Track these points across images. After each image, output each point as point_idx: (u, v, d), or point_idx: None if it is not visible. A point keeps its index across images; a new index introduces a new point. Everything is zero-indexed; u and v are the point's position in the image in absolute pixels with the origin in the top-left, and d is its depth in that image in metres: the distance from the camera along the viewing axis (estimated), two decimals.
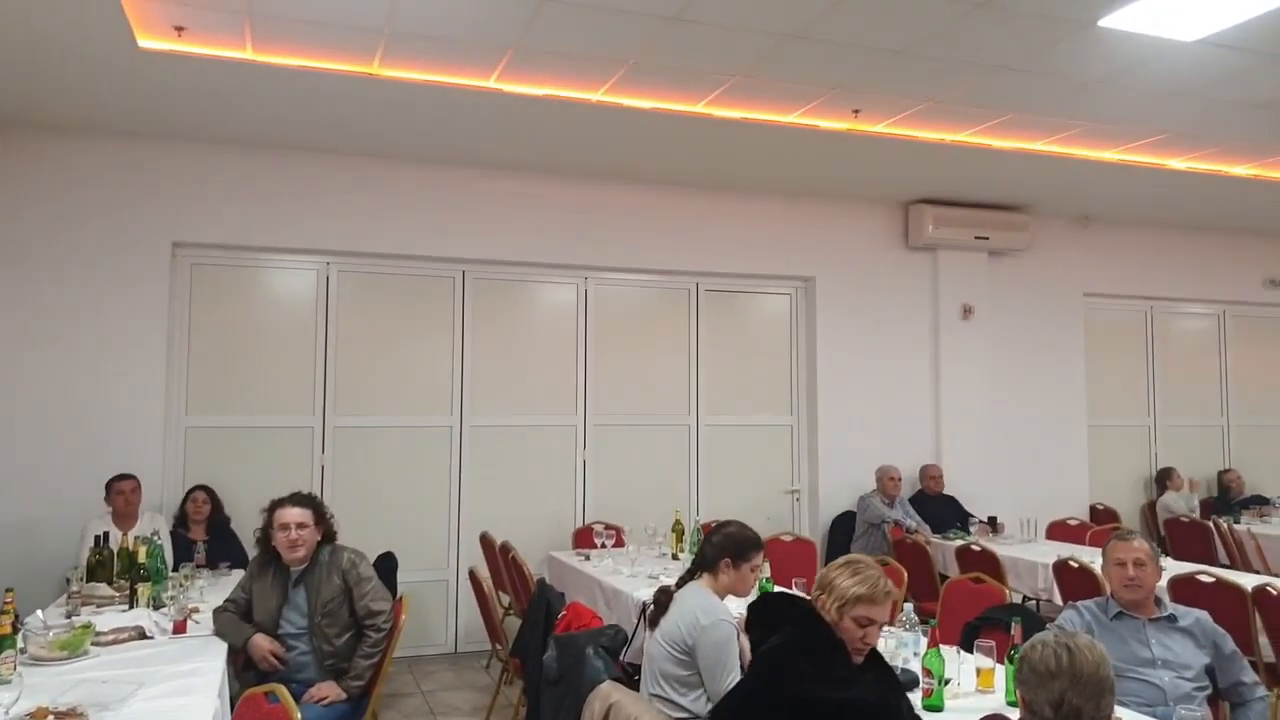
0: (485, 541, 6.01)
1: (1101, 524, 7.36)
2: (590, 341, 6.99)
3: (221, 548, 5.54)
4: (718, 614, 3.18)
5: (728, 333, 7.39)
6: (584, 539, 6.38)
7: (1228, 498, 8.22)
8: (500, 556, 5.58)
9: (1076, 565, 5.18)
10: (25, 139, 5.67)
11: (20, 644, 3.23)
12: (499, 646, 4.93)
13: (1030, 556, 5.92)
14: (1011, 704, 2.99)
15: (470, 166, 6.54)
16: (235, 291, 6.23)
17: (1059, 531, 7.19)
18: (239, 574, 5.08)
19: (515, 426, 6.77)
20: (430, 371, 6.60)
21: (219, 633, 3.74)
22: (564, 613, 3.82)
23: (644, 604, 4.42)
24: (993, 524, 6.78)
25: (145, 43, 4.53)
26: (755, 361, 7.46)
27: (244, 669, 3.80)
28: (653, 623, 3.37)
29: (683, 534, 5.84)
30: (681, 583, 3.40)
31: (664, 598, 3.41)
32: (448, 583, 6.54)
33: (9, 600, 3.23)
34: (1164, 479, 8.25)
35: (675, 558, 5.66)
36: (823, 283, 7.47)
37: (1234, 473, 8.43)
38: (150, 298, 5.87)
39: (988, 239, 7.59)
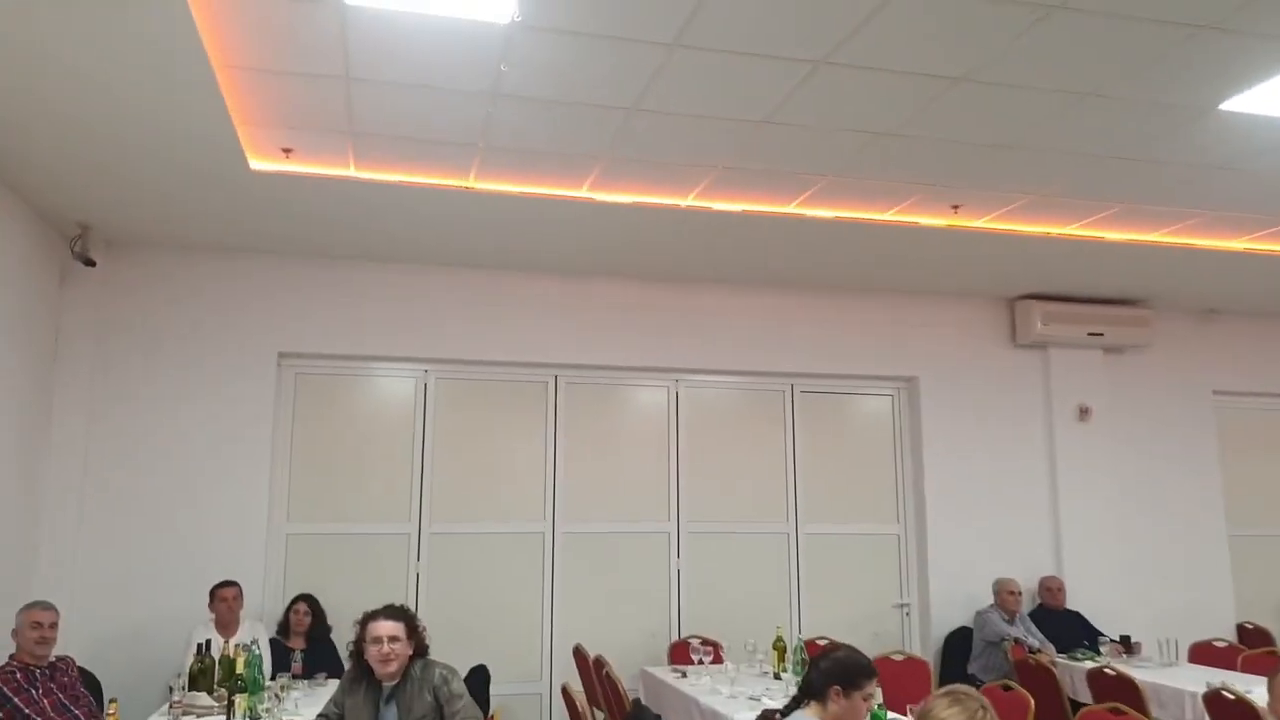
0: (579, 655, 5.83)
1: (1253, 646, 6.67)
2: (682, 445, 6.88)
3: (320, 657, 5.52)
4: None
5: (826, 435, 7.17)
6: (680, 654, 6.13)
7: None
8: (595, 672, 5.39)
9: (1232, 696, 4.64)
10: (140, 255, 6.01)
11: None
12: None
13: (1174, 683, 5.34)
14: None
15: (562, 274, 6.64)
16: (336, 399, 6.39)
17: (1204, 654, 6.49)
18: (335, 685, 5.04)
19: (607, 533, 6.64)
20: (524, 477, 6.57)
21: None
22: None
23: None
24: (1126, 644, 6.22)
25: (256, 164, 4.79)
26: (856, 466, 7.19)
27: None
28: None
29: (785, 651, 5.53)
30: (787, 711, 3.18)
31: None
32: (541, 696, 6.34)
33: (112, 711, 3.23)
34: None
35: (777, 677, 5.36)
36: (926, 383, 7.21)
37: None
38: (256, 406, 6.06)
39: (1102, 335, 7.22)
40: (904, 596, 7.04)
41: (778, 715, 3.23)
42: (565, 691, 4.78)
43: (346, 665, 5.31)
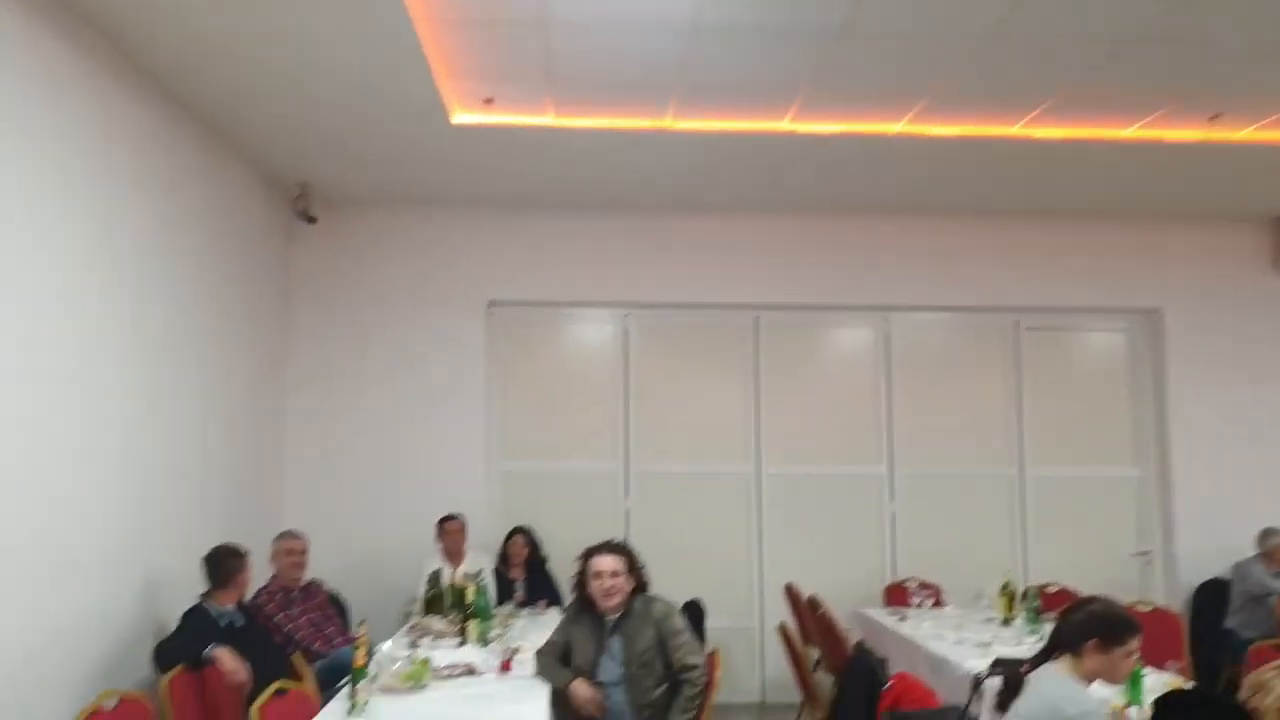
0: (791, 593, 5.78)
1: None
2: (895, 384, 6.61)
3: (538, 587, 5.77)
4: (1085, 704, 2.73)
5: (1055, 373, 6.70)
6: (896, 597, 5.96)
7: None
8: (809, 610, 5.31)
9: None
10: (355, 211, 6.35)
11: (371, 674, 3.46)
12: (812, 707, 4.66)
13: None
14: None
15: (764, 212, 6.47)
16: (544, 344, 6.58)
17: None
18: (554, 613, 5.25)
19: (816, 476, 6.52)
20: (727, 418, 6.55)
21: (541, 675, 3.80)
22: (891, 683, 3.48)
23: (976, 677, 3.98)
24: None
25: (458, 118, 4.89)
26: (1088, 405, 6.69)
27: (563, 712, 3.83)
28: (1001, 705, 2.96)
29: (1014, 597, 5.23)
30: (1036, 662, 2.96)
31: (1014, 678, 2.99)
32: (751, 630, 6.37)
33: (363, 631, 3.46)
34: None
35: (1005, 623, 5.08)
36: (1172, 315, 6.55)
37: None
38: (469, 352, 6.35)
39: None
40: (1144, 544, 6.51)
41: (1024, 666, 3.01)
42: (783, 629, 4.75)
43: (564, 595, 5.57)
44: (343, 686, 3.41)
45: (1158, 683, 3.79)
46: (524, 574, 5.86)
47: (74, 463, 3.65)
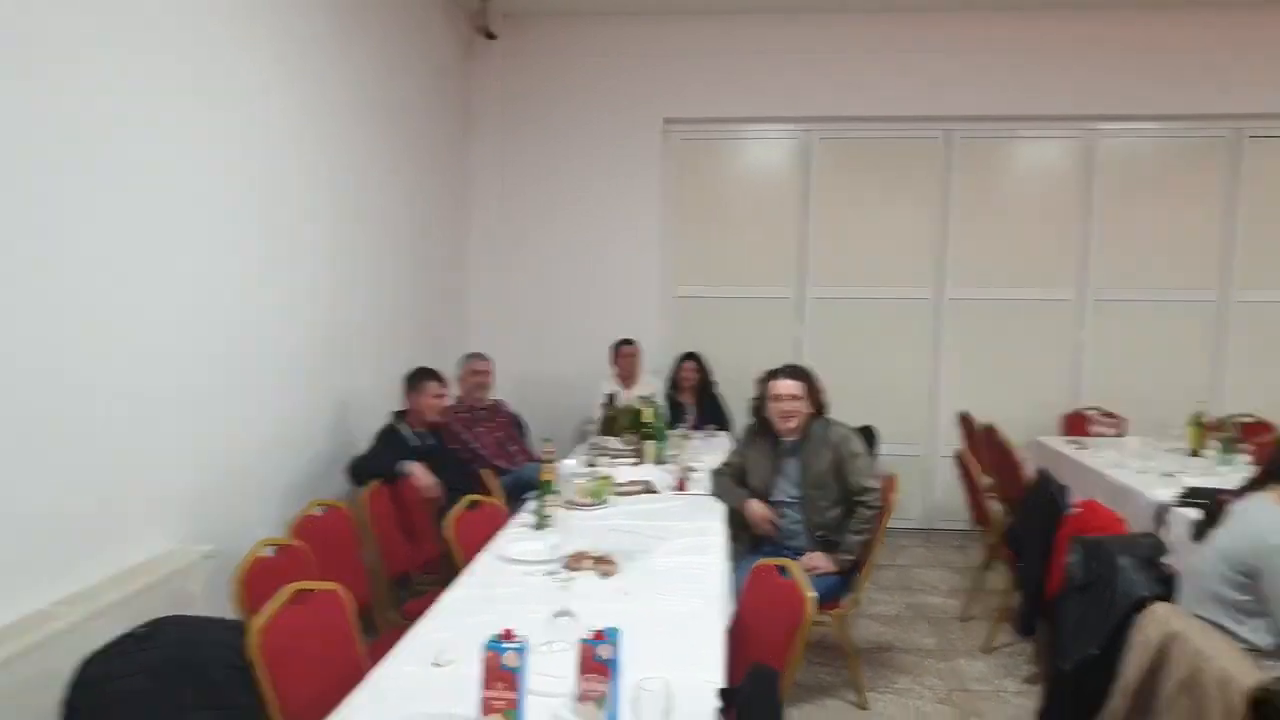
0: (966, 422, 5.69)
1: None
2: (1095, 205, 6.15)
3: (709, 412, 5.91)
4: None
5: (1276, 186, 6.01)
6: (1075, 426, 5.78)
7: None
8: (985, 438, 5.24)
9: None
10: (534, 26, 6.23)
11: (556, 489, 3.68)
12: (986, 531, 4.68)
13: None
14: None
15: (956, 10, 5.93)
16: (721, 164, 6.42)
17: None
18: (723, 437, 5.40)
19: (1001, 300, 6.25)
20: (911, 240, 6.30)
21: (717, 493, 3.94)
22: (1076, 508, 3.43)
23: (1161, 505, 3.88)
24: None
25: None
26: None
27: (738, 531, 4.00)
28: (1198, 535, 2.88)
29: (1204, 428, 4.97)
30: (1242, 492, 2.83)
31: (1214, 507, 2.89)
32: (921, 458, 6.36)
33: (549, 449, 3.67)
34: None
35: (1194, 454, 4.87)
36: None
37: None
38: (645, 174, 6.28)
39: None
40: None
41: (1225, 495, 2.89)
42: (960, 456, 4.71)
43: (733, 421, 5.70)
44: (530, 500, 3.64)
45: None
46: (694, 399, 6.00)
47: (276, 290, 3.80)
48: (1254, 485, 2.83)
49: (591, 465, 4.54)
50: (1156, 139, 6.11)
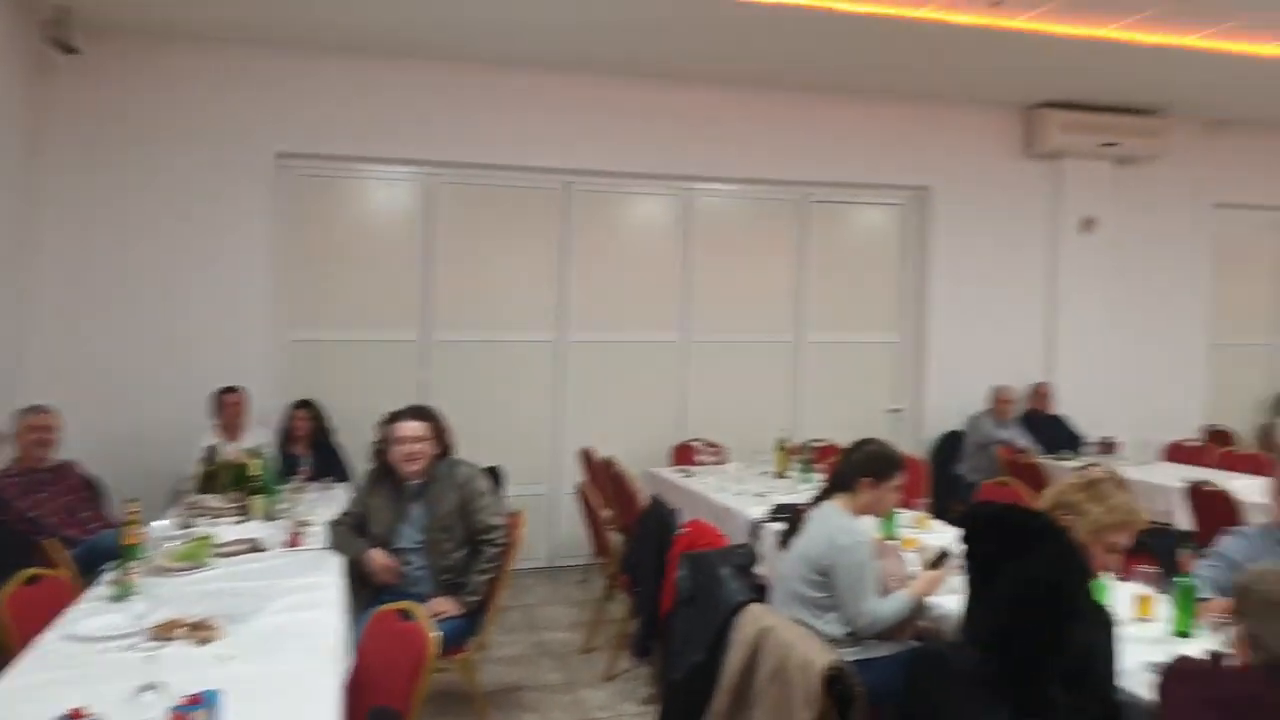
0: (587, 457, 5.93)
1: (1221, 445, 6.98)
2: (693, 255, 6.78)
3: (325, 462, 5.56)
4: (856, 534, 3.03)
5: (836, 245, 7.09)
6: (683, 456, 6.26)
7: None
8: (604, 470, 5.49)
9: (1212, 489, 4.89)
10: (125, 42, 5.55)
11: (141, 555, 3.22)
12: (606, 562, 4.87)
13: (1152, 479, 5.65)
14: (1181, 634, 2.77)
15: (575, 71, 6.27)
16: (339, 203, 6.15)
17: (1179, 453, 6.91)
18: (341, 489, 5.10)
19: (617, 343, 6.63)
20: (532, 285, 6.47)
21: (334, 546, 3.70)
22: (684, 529, 3.68)
23: (754, 522, 4.31)
24: (1107, 444, 6.47)
25: None
26: (863, 275, 7.15)
27: (359, 583, 3.78)
28: (783, 542, 3.23)
29: (788, 453, 5.67)
30: (816, 502, 3.23)
31: (795, 518, 3.26)
32: (546, 496, 6.51)
33: (133, 511, 3.21)
34: None
35: (780, 476, 5.52)
36: (937, 192, 7.06)
37: None
38: (254, 207, 5.81)
39: (1115, 145, 7.02)
40: (898, 402, 7.18)
41: (802, 507, 3.28)
42: (582, 490, 4.88)
43: (353, 470, 5.41)
44: (106, 571, 3.16)
45: (908, 518, 4.30)
46: (308, 449, 5.61)
47: None
48: (824, 495, 3.24)
49: (188, 526, 4.04)
50: (741, 199, 6.90)
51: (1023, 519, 2.42)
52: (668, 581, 3.54)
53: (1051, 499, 2.66)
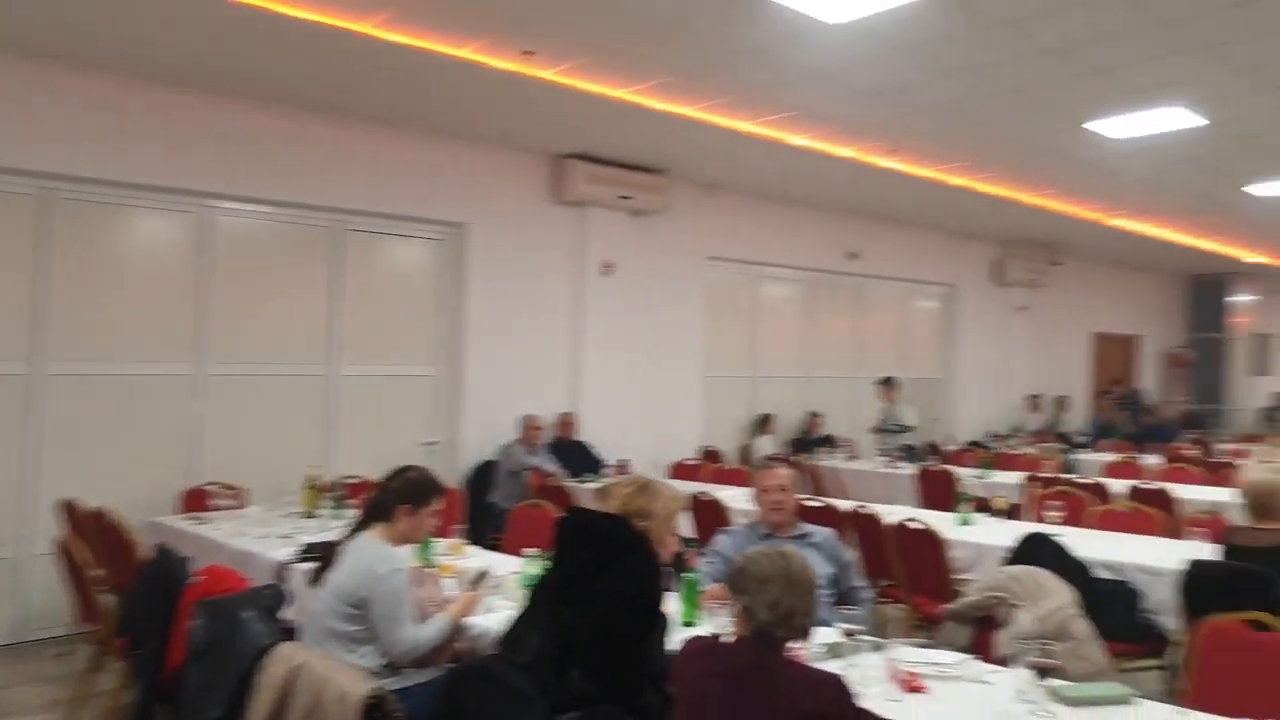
0: (70, 510, 5.00)
1: (713, 463, 8.07)
2: (212, 278, 6.15)
3: None
4: (394, 562, 2.93)
5: (373, 277, 6.94)
6: (194, 502, 5.58)
7: (808, 439, 9.41)
8: (94, 525, 4.67)
9: (708, 498, 5.63)
10: None
11: None
12: (96, 627, 4.12)
13: None
14: (687, 624, 3.04)
15: (53, 58, 5.36)
16: None
17: (682, 471, 7.84)
18: None
19: (111, 376, 5.77)
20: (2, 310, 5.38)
21: None
22: (199, 577, 3.25)
23: (281, 564, 3.99)
24: (622, 466, 7.11)
25: None
26: (401, 308, 7.08)
27: None
28: (316, 579, 2.99)
29: (319, 490, 5.35)
30: (351, 535, 3.06)
31: (328, 554, 3.05)
32: (11, 560, 5.40)
33: None
34: (764, 424, 9.24)
35: (309, 515, 5.18)
36: (475, 230, 7.25)
37: (815, 418, 9.66)
38: None
39: (631, 199, 7.83)
40: (433, 434, 7.18)
41: (336, 541, 3.09)
42: (64, 547, 4.09)
43: None
44: None
45: (444, 546, 4.27)
46: None
47: None
48: (360, 526, 3.08)
49: None
50: (272, 222, 6.44)
51: (611, 529, 2.53)
52: (177, 636, 3.09)
53: (619, 510, 2.78)
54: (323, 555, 3.13)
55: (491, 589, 3.29)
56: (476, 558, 4.09)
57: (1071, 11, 4.67)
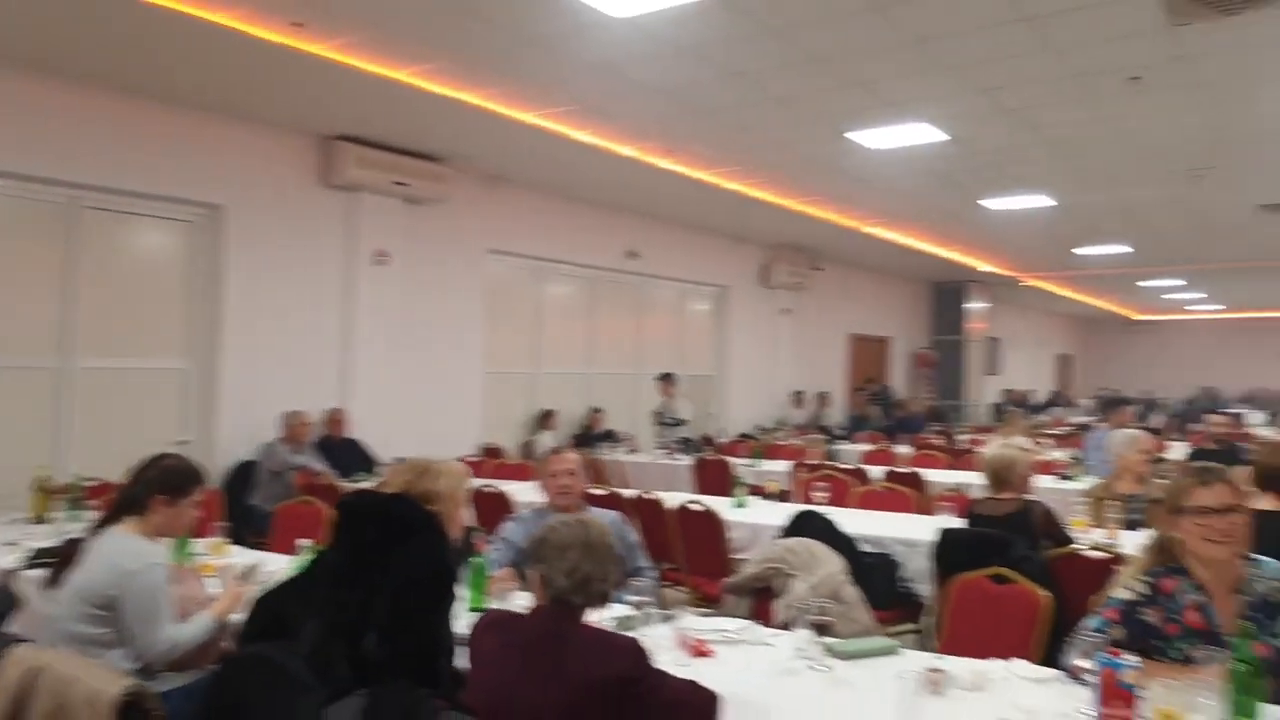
0: None
1: (495, 459, 7.95)
2: None
3: None
4: (148, 557, 2.65)
5: (115, 260, 6.29)
6: None
7: (590, 434, 9.50)
8: None
9: (492, 491, 5.55)
10: None
11: None
12: None
13: None
14: (475, 610, 2.96)
15: None
16: None
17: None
18: None
19: None
20: None
21: None
22: None
23: (7, 572, 3.53)
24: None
25: None
26: (147, 295, 6.46)
27: None
28: (54, 581, 2.64)
29: (50, 493, 4.77)
30: (96, 532, 2.72)
31: (67, 553, 2.71)
32: None
33: None
34: (545, 419, 9.23)
35: (40, 520, 4.62)
36: (232, 212, 6.71)
37: (596, 413, 9.78)
38: None
39: (407, 186, 7.52)
40: (185, 433, 6.59)
41: (77, 539, 2.75)
42: None
43: None
44: None
45: (204, 545, 3.93)
46: None
47: None
48: (107, 521, 2.76)
49: None
50: None
51: (399, 509, 2.44)
52: None
53: (405, 491, 2.66)
54: (62, 555, 2.78)
55: (262, 584, 3.04)
56: (241, 556, 3.78)
57: (834, 24, 4.99)
